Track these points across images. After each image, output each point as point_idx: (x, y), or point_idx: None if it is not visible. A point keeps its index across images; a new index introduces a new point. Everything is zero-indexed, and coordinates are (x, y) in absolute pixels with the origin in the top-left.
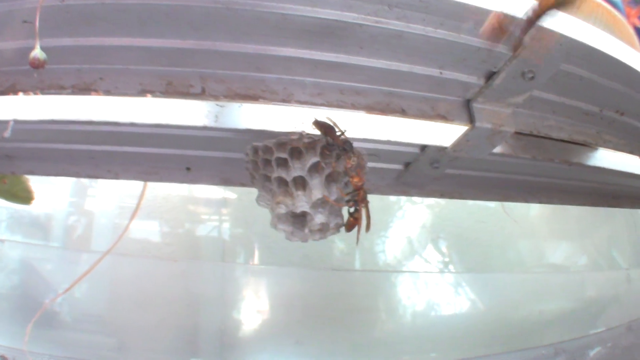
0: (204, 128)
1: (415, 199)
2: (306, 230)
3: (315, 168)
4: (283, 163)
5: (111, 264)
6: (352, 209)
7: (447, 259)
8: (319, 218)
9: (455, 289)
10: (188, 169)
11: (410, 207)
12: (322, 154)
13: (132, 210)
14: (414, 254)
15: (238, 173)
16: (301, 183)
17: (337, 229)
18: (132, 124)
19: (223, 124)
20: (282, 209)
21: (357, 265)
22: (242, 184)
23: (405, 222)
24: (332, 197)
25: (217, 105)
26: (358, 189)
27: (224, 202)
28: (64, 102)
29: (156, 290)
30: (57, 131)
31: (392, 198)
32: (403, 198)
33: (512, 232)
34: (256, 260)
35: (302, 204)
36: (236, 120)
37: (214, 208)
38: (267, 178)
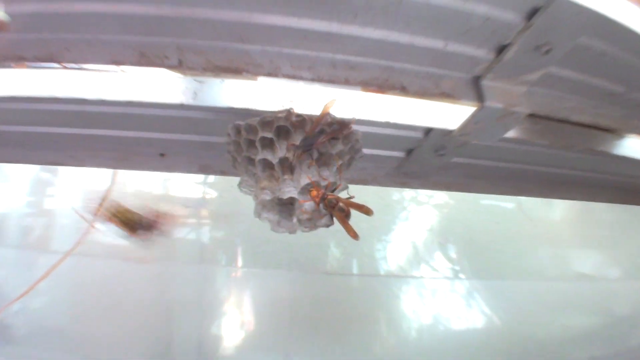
0: (181, 106)
1: (421, 198)
2: (294, 220)
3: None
4: (268, 144)
5: (74, 266)
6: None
7: (457, 267)
8: (309, 205)
9: (467, 300)
10: (162, 154)
11: (415, 208)
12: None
13: (97, 209)
14: (419, 261)
15: (219, 159)
16: (288, 166)
17: (329, 218)
18: (101, 102)
19: (202, 101)
20: (267, 195)
21: (355, 269)
22: (223, 172)
23: (409, 225)
24: (323, 182)
25: (196, 80)
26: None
27: (202, 201)
28: (22, 76)
29: (126, 297)
30: (13, 110)
31: (395, 196)
32: (406, 197)
33: (532, 236)
34: (239, 262)
35: (289, 189)
36: (217, 98)
37: (192, 207)
38: (251, 161)
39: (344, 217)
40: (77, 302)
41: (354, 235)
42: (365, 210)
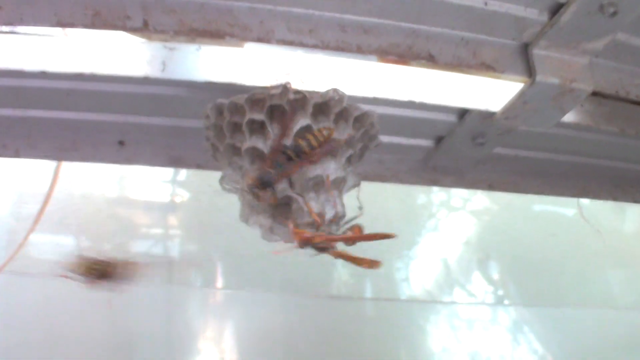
0: (146, 80)
1: (455, 202)
2: (291, 225)
3: (305, 135)
4: (258, 128)
5: (4, 287)
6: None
7: (500, 291)
8: (311, 206)
9: (513, 333)
10: (121, 142)
11: (446, 215)
12: (315, 115)
13: (34, 215)
14: (451, 283)
15: (193, 149)
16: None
17: (336, 223)
18: (43, 74)
19: (173, 73)
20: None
21: (368, 292)
22: (199, 166)
23: (439, 236)
24: (331, 177)
25: (165, 47)
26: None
27: (171, 206)
28: None
29: (71, 327)
30: None
31: (420, 199)
32: (435, 200)
33: (597, 252)
34: (219, 283)
35: (284, 186)
36: (192, 69)
37: (158, 214)
38: (236, 150)
39: (347, 254)
40: (7, 333)
41: (371, 264)
42: (369, 263)
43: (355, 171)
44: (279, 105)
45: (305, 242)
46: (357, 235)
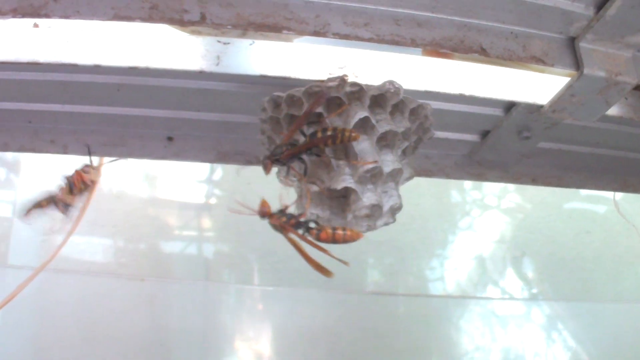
0: (200, 74)
1: (489, 200)
2: (349, 217)
3: (363, 127)
4: (316, 121)
5: (41, 286)
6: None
7: (535, 288)
8: (369, 198)
9: (547, 330)
10: (170, 138)
11: (480, 213)
12: (372, 107)
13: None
14: (486, 281)
15: (243, 143)
16: (342, 148)
17: (392, 215)
18: (96, 68)
19: (227, 67)
20: (314, 186)
21: (402, 290)
22: (249, 161)
23: (473, 235)
24: (387, 169)
25: (219, 42)
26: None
27: (206, 206)
28: None
29: (110, 324)
30: None
31: (454, 198)
32: (469, 199)
33: (630, 247)
34: (255, 280)
35: (344, 177)
36: (245, 64)
37: (192, 214)
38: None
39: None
40: (44, 333)
41: (322, 271)
42: (319, 269)
43: (410, 163)
44: (337, 97)
45: (265, 215)
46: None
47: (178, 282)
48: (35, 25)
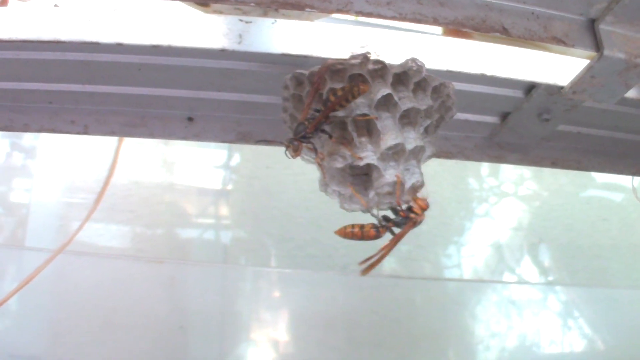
0: (222, 53)
1: (506, 187)
2: (371, 194)
3: (385, 104)
4: (338, 92)
5: (58, 269)
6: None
7: (551, 276)
8: (391, 175)
9: (563, 317)
10: (190, 118)
11: (497, 200)
12: (394, 85)
13: (86, 202)
14: (502, 268)
15: (263, 125)
16: (365, 125)
17: (414, 192)
18: (118, 46)
19: (250, 46)
20: (337, 162)
21: (418, 273)
22: (269, 142)
23: (490, 222)
24: (409, 146)
25: (242, 21)
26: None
27: (224, 192)
28: (10, 13)
29: (129, 307)
30: None
31: (471, 185)
32: (485, 186)
33: None
34: (273, 263)
35: (367, 154)
36: (267, 42)
37: (210, 199)
38: None
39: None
40: (62, 317)
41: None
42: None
43: (432, 141)
44: (360, 74)
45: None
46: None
47: (196, 265)
48: (56, 6)
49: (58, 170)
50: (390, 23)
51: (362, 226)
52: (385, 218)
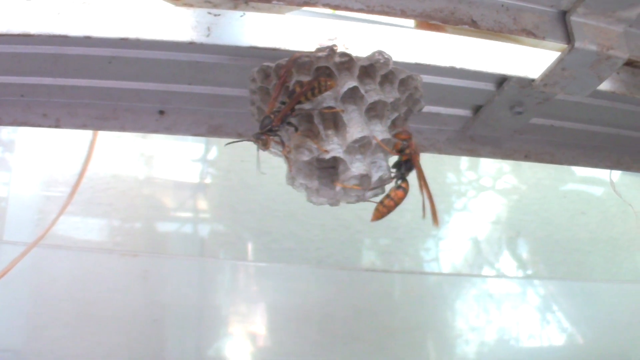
0: (191, 46)
1: (484, 181)
2: (337, 188)
3: (352, 97)
4: (304, 84)
5: (34, 263)
6: (397, 176)
7: (530, 270)
8: (357, 167)
9: (542, 311)
10: (161, 112)
11: (475, 194)
12: (361, 77)
13: (65, 195)
14: (481, 262)
15: (234, 118)
16: (331, 118)
17: (381, 186)
18: (87, 40)
19: (218, 39)
20: (303, 155)
21: (397, 266)
22: (240, 135)
23: (468, 216)
24: (378, 138)
25: (210, 13)
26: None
27: (201, 186)
28: None
29: (105, 300)
30: None
31: (449, 179)
32: (464, 180)
33: (626, 229)
34: (250, 256)
35: (333, 146)
36: (236, 35)
37: (187, 193)
38: None
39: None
40: (38, 311)
41: (434, 218)
42: (432, 208)
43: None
44: (326, 67)
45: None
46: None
47: (173, 258)
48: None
49: (37, 163)
50: (365, 16)
51: (387, 195)
52: (397, 173)
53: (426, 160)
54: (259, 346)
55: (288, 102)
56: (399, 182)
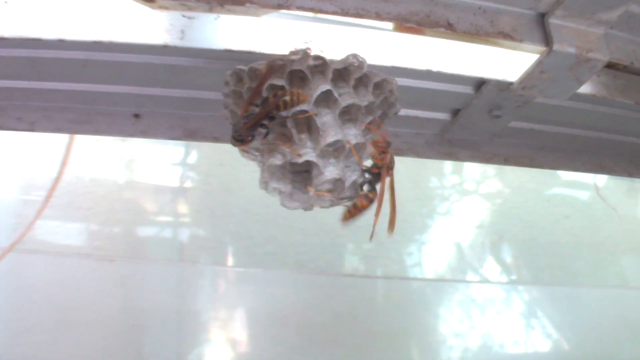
0: (165, 49)
1: (468, 185)
2: (311, 192)
3: (325, 100)
4: (279, 94)
5: (10, 268)
6: (365, 184)
7: (513, 275)
8: (330, 172)
9: (526, 317)
10: (137, 115)
11: (459, 198)
12: (335, 81)
13: (43, 198)
14: (464, 267)
15: (210, 122)
16: (305, 122)
17: (355, 191)
18: (60, 42)
19: (192, 42)
20: (276, 159)
21: (379, 271)
22: (216, 138)
23: (451, 220)
24: (352, 142)
25: (184, 16)
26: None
27: (181, 190)
28: None
29: (83, 305)
30: None
31: (432, 183)
32: (447, 184)
33: (613, 234)
34: (230, 262)
35: (305, 150)
36: (210, 38)
37: (167, 197)
38: None
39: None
40: (15, 317)
41: (390, 226)
42: (392, 218)
43: (375, 139)
44: (299, 70)
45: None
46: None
47: (151, 263)
48: (6, 2)
49: (14, 167)
50: (342, 19)
51: (354, 205)
52: (367, 183)
53: (409, 163)
54: (239, 352)
55: (260, 109)
56: (368, 190)
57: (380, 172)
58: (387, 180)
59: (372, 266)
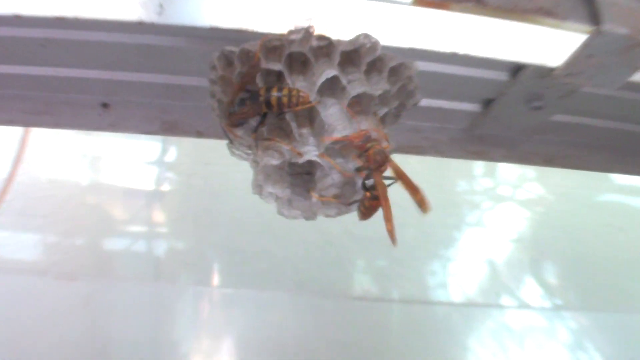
0: (140, 26)
1: (502, 190)
2: (313, 198)
3: (331, 89)
4: (275, 80)
5: None
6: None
7: (558, 299)
8: (337, 175)
9: (572, 348)
10: (105, 105)
11: (492, 206)
12: (343, 65)
13: None
14: (499, 288)
15: (192, 113)
16: (306, 114)
17: (364, 197)
18: (16, 19)
19: (172, 17)
20: (273, 159)
21: (395, 294)
22: (200, 133)
23: (483, 232)
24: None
25: None
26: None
27: (157, 193)
28: None
29: (42, 329)
30: None
31: (459, 188)
32: (479, 188)
33: None
34: (215, 281)
35: (308, 148)
36: (193, 13)
37: (141, 202)
38: None
39: (385, 194)
40: None
41: (392, 235)
42: (420, 199)
43: (391, 135)
44: (300, 52)
45: (365, 149)
46: (403, 172)
47: (120, 282)
48: None
49: None
50: None
51: (363, 205)
52: (365, 183)
53: (431, 163)
54: None
55: (249, 106)
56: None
57: (372, 174)
58: (386, 181)
59: (386, 287)
